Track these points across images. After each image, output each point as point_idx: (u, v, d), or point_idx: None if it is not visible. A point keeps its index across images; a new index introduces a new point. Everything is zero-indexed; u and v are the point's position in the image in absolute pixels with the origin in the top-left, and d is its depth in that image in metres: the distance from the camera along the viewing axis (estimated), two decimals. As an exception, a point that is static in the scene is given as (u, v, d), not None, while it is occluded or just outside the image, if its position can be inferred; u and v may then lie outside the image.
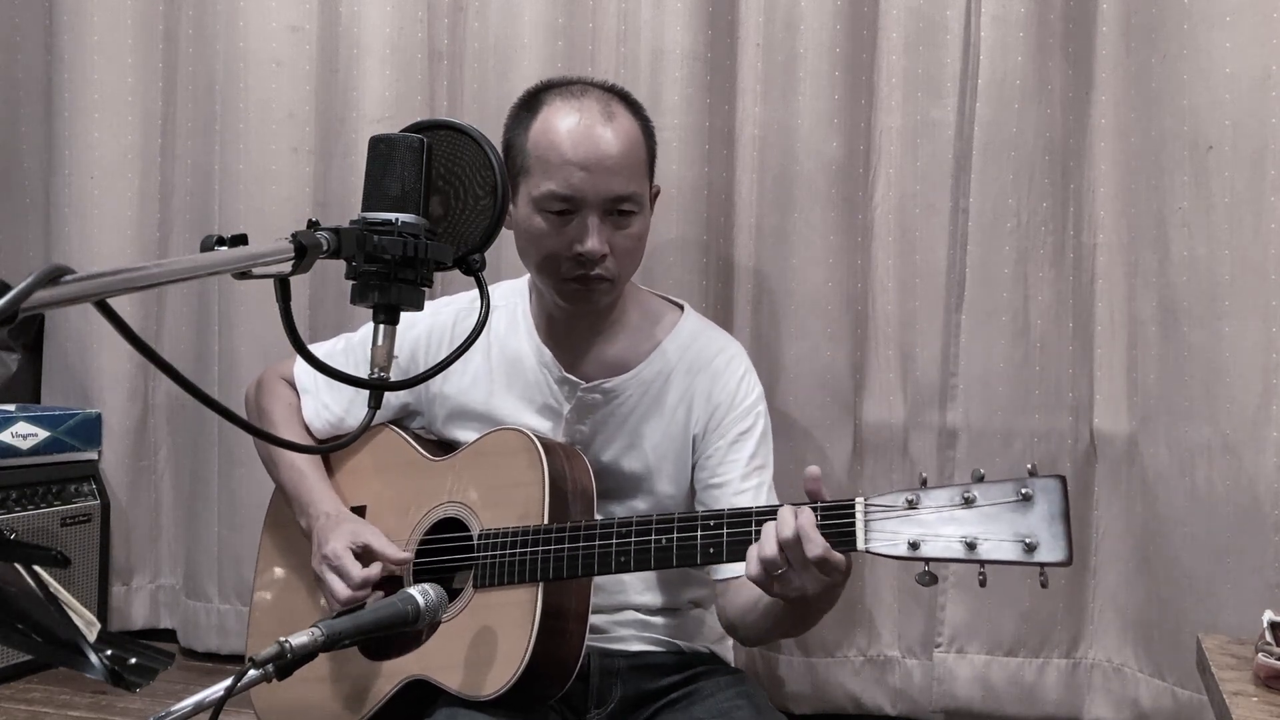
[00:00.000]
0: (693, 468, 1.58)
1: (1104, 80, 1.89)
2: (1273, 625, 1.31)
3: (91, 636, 0.84)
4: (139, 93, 2.39)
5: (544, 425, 1.58)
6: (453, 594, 1.45)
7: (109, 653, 0.85)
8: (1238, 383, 1.70)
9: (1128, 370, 1.88)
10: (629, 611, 1.58)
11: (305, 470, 1.62)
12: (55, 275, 0.64)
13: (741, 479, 1.53)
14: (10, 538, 0.80)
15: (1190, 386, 1.75)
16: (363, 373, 0.98)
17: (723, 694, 1.51)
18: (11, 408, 2.29)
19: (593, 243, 1.45)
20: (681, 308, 1.67)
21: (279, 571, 1.65)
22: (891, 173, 2.01)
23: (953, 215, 1.95)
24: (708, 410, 1.57)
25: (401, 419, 1.68)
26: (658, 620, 1.59)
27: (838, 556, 1.21)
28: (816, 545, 1.19)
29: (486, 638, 1.40)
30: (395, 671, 1.47)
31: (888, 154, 2.00)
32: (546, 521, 1.42)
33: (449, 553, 1.51)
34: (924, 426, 1.99)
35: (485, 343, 1.62)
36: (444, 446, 1.63)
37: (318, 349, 1.67)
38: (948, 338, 1.96)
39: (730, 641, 1.71)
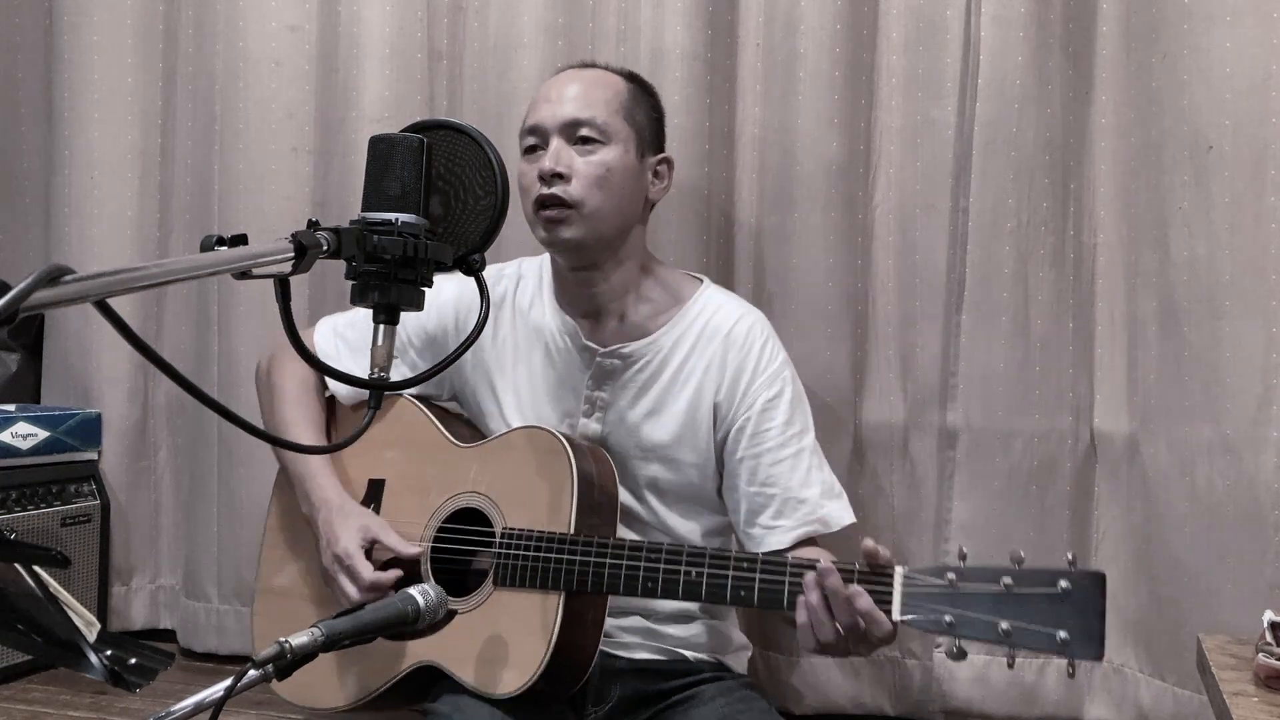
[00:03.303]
0: (724, 440, 1.56)
1: (1104, 80, 1.89)
2: (1273, 625, 1.31)
3: (91, 636, 0.84)
4: (139, 93, 2.38)
5: (565, 392, 1.58)
6: (470, 582, 1.45)
7: (109, 653, 0.85)
8: (1238, 383, 1.70)
9: (1128, 370, 1.88)
10: (636, 617, 1.57)
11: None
12: (55, 275, 0.64)
13: (779, 447, 1.53)
14: (10, 538, 0.81)
15: (1190, 386, 1.75)
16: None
17: (724, 699, 1.50)
18: (11, 408, 2.29)
19: (547, 160, 1.50)
20: (701, 281, 1.68)
21: (280, 570, 1.65)
22: (891, 173, 2.00)
23: (953, 215, 1.95)
24: (729, 377, 1.56)
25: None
26: (666, 629, 1.58)
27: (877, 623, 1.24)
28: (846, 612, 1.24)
29: (503, 637, 1.41)
30: (410, 654, 1.47)
31: (888, 154, 2.00)
32: (574, 528, 1.41)
33: (468, 543, 1.50)
34: (924, 426, 1.99)
35: (510, 313, 1.64)
36: (466, 426, 1.63)
37: (338, 317, 1.69)
38: (948, 338, 1.96)
39: (747, 654, 1.70)
